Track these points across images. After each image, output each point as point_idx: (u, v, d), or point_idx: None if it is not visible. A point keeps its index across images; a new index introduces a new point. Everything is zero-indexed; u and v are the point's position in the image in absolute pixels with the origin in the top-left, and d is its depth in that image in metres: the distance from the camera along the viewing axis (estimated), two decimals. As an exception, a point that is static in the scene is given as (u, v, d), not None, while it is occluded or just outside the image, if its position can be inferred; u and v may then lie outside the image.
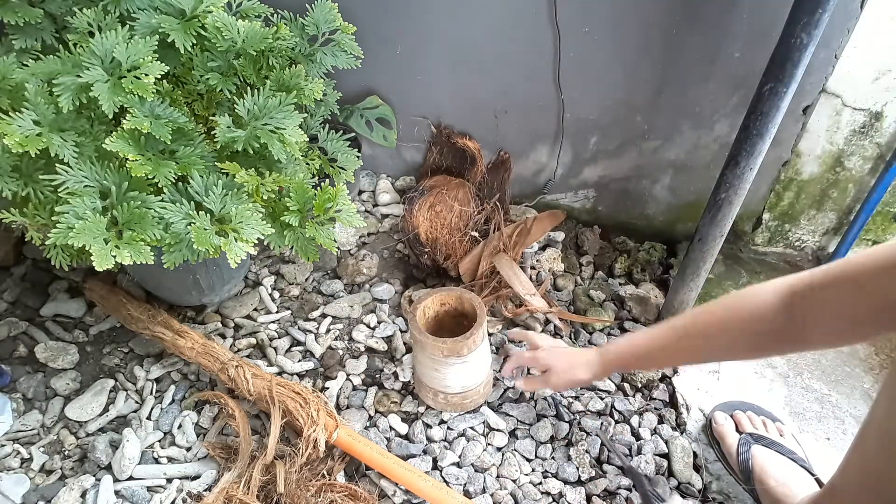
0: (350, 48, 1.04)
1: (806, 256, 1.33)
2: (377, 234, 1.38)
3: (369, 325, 1.19)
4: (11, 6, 0.84)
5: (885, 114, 1.08)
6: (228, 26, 0.86)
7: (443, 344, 0.91)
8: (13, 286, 1.20)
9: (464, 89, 1.28)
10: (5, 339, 1.12)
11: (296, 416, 0.94)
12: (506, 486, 0.95)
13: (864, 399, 1.07)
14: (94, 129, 0.82)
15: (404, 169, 1.47)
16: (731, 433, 0.97)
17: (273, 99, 0.87)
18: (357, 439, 0.95)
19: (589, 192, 1.38)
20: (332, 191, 0.87)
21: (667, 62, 1.11)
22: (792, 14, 0.79)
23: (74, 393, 1.05)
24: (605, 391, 1.09)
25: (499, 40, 1.17)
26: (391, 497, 0.92)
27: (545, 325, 1.19)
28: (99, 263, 0.71)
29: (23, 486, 0.92)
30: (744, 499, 0.94)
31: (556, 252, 1.33)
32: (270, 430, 0.94)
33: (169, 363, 1.09)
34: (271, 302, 1.22)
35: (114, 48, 0.78)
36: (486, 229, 1.27)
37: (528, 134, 1.31)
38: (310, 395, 0.97)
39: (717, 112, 1.16)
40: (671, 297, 1.15)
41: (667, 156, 1.25)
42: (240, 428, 0.96)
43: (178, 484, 0.94)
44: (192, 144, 0.85)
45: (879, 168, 1.15)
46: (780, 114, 0.86)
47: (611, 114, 1.22)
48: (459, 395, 1.00)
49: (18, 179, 0.79)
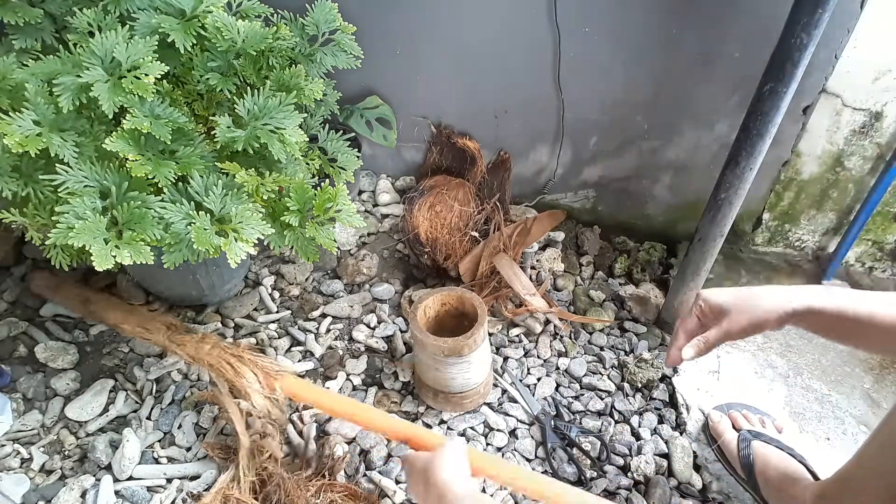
0: (350, 48, 1.04)
1: (806, 256, 1.33)
2: (377, 234, 1.38)
3: (369, 325, 1.19)
4: (11, 6, 0.84)
5: (885, 114, 1.08)
6: (228, 26, 0.86)
7: (444, 344, 0.91)
8: (13, 286, 1.20)
9: (464, 89, 1.28)
10: (5, 339, 1.12)
11: (237, 387, 0.91)
12: (506, 486, 0.95)
13: (864, 399, 1.07)
14: (94, 129, 0.82)
15: (404, 169, 1.47)
16: (729, 429, 0.97)
17: (273, 99, 0.87)
18: (305, 387, 0.95)
19: (589, 192, 1.38)
20: (332, 191, 0.87)
21: (667, 62, 1.11)
22: (792, 14, 0.79)
23: (74, 393, 1.05)
24: (604, 391, 1.09)
25: (499, 40, 1.17)
26: (391, 497, 0.92)
27: (545, 325, 1.19)
28: (99, 263, 0.71)
29: (23, 486, 0.92)
30: (744, 499, 0.94)
31: (556, 252, 1.33)
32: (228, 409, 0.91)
33: (169, 363, 1.09)
34: (271, 302, 1.22)
35: (114, 48, 0.78)
36: (486, 229, 1.27)
37: (528, 134, 1.31)
38: (243, 357, 0.94)
39: (717, 112, 1.16)
40: (671, 297, 1.15)
41: (667, 156, 1.25)
42: (235, 423, 0.94)
43: (178, 484, 0.94)
44: (192, 144, 0.85)
45: (879, 168, 1.15)
46: (780, 114, 0.86)
47: (611, 114, 1.22)
48: (460, 395, 1.00)
49: (18, 179, 0.79)
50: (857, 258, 1.30)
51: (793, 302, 0.71)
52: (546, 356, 1.15)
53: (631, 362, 1.11)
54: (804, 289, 0.72)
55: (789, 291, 0.72)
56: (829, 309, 0.69)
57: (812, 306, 0.70)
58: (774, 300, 0.72)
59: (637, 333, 1.19)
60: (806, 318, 0.70)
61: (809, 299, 0.70)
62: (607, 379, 1.10)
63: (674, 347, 0.81)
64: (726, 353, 1.14)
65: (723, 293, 0.78)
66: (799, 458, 0.90)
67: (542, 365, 1.13)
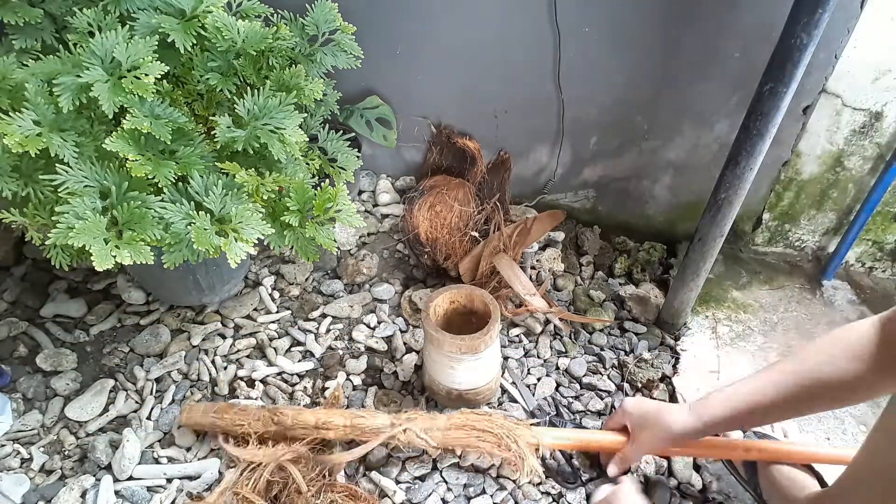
0: (350, 48, 1.04)
1: (806, 256, 1.33)
2: (377, 234, 1.38)
3: (369, 325, 1.19)
4: (11, 6, 0.84)
5: (885, 114, 1.08)
6: (228, 26, 0.86)
7: (461, 341, 0.91)
8: (13, 286, 1.20)
9: (464, 89, 1.28)
10: (5, 339, 1.12)
11: (490, 452, 0.88)
12: (506, 487, 0.95)
13: (864, 399, 1.07)
14: (94, 129, 0.82)
15: (404, 169, 1.47)
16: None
17: (273, 99, 0.87)
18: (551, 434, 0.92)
19: (589, 192, 1.38)
20: (332, 191, 0.87)
21: (667, 62, 1.12)
22: (792, 14, 0.79)
23: (74, 393, 1.05)
24: (605, 391, 1.09)
25: (499, 40, 1.17)
26: (391, 497, 0.92)
27: (545, 325, 1.19)
28: (99, 263, 0.71)
29: (23, 486, 0.92)
30: (744, 499, 0.94)
31: (556, 252, 1.33)
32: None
33: (170, 363, 1.09)
34: (271, 302, 1.22)
35: (114, 48, 0.78)
36: (486, 229, 1.27)
37: (528, 134, 1.31)
38: (496, 427, 0.88)
39: (717, 112, 1.16)
40: (671, 297, 1.15)
41: (667, 156, 1.25)
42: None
43: (178, 484, 0.94)
44: (192, 144, 0.85)
45: (879, 168, 1.15)
46: (780, 114, 0.86)
47: (611, 114, 1.22)
48: (472, 392, 1.00)
49: (18, 179, 0.79)
50: (857, 258, 1.30)
51: (686, 423, 0.81)
52: (546, 356, 1.15)
53: (631, 362, 1.11)
54: (696, 405, 0.81)
55: (681, 410, 0.82)
56: (721, 416, 0.78)
57: (706, 422, 0.79)
58: (666, 425, 0.82)
59: (637, 333, 1.19)
60: (707, 432, 0.80)
61: (701, 415, 0.80)
62: (607, 379, 1.10)
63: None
64: (726, 354, 1.14)
65: (635, 412, 0.88)
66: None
67: (542, 365, 1.13)
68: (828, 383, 0.70)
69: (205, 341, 1.14)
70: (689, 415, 0.81)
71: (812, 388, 0.72)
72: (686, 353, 1.14)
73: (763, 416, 0.77)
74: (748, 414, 0.76)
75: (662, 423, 0.83)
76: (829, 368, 0.71)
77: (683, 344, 1.16)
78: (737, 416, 0.77)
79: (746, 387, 0.77)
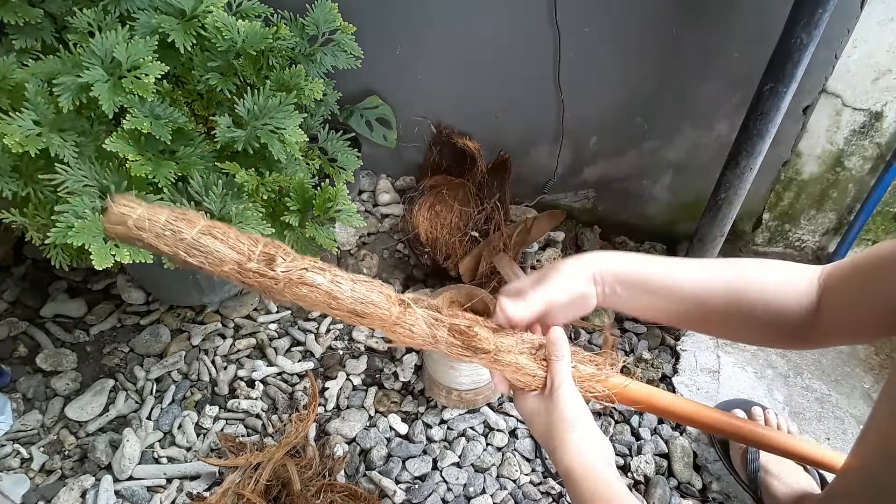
0: (350, 48, 1.04)
1: (806, 256, 1.33)
2: (377, 234, 1.38)
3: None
4: (11, 6, 0.84)
5: (885, 114, 1.08)
6: (228, 26, 0.86)
7: None
8: (13, 286, 1.20)
9: (464, 89, 1.28)
10: (5, 339, 1.12)
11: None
12: (506, 486, 0.95)
13: (864, 399, 1.07)
14: (94, 129, 0.82)
15: (404, 169, 1.47)
16: None
17: (273, 99, 0.87)
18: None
19: (589, 192, 1.38)
20: (332, 191, 0.87)
21: (667, 62, 1.11)
22: (792, 14, 0.79)
23: (74, 393, 1.05)
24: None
25: (499, 40, 1.17)
26: (391, 497, 0.92)
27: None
28: (98, 262, 0.71)
29: (23, 486, 0.92)
30: (744, 499, 0.94)
31: (556, 252, 1.33)
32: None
33: (170, 363, 1.09)
34: (271, 302, 1.22)
35: (114, 48, 0.78)
36: (486, 229, 1.27)
37: (528, 134, 1.31)
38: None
39: (717, 112, 1.16)
40: (671, 297, 1.15)
41: (667, 156, 1.25)
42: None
43: (178, 484, 0.94)
44: (192, 144, 0.85)
45: (879, 168, 1.15)
46: (780, 114, 0.86)
47: (611, 114, 1.22)
48: (472, 392, 1.00)
49: (18, 179, 0.79)
50: (857, 258, 1.30)
51: (593, 267, 0.66)
52: (546, 356, 1.15)
53: (631, 362, 1.11)
54: (601, 254, 0.67)
55: (588, 258, 0.67)
56: (632, 273, 0.64)
57: (617, 271, 0.65)
58: (573, 270, 0.66)
59: (637, 333, 1.19)
60: (612, 285, 0.65)
61: (611, 264, 0.65)
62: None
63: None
64: (726, 354, 1.14)
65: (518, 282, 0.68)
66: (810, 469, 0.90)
67: (542, 365, 1.13)
68: (763, 291, 0.60)
69: (205, 341, 1.14)
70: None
71: (744, 293, 0.60)
72: (686, 353, 1.14)
73: (669, 298, 0.62)
74: (657, 284, 0.62)
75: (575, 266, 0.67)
76: (772, 278, 0.60)
77: (683, 344, 1.16)
78: (636, 282, 0.63)
79: (668, 262, 0.63)
